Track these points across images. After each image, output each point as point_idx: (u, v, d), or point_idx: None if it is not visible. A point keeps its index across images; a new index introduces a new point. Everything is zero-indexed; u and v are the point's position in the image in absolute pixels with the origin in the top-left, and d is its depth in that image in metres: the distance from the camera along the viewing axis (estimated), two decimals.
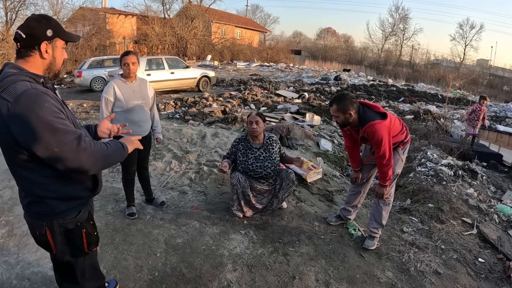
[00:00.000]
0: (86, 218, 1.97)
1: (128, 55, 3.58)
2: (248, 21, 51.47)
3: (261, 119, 3.98)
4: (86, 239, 1.96)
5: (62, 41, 1.84)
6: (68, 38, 1.88)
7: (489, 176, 6.44)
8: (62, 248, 1.92)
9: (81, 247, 1.96)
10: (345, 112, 3.32)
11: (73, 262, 1.99)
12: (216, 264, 3.24)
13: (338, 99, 3.37)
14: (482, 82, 40.15)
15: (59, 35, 1.81)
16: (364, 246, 3.69)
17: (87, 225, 1.98)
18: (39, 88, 1.64)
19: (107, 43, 28.67)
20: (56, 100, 1.69)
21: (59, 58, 1.85)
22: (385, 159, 3.36)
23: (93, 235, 2.01)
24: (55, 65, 1.85)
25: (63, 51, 1.88)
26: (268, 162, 3.97)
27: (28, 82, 1.64)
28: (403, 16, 56.27)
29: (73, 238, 1.93)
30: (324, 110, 11.61)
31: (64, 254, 1.95)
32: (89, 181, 1.94)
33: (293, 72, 30.11)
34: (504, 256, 3.84)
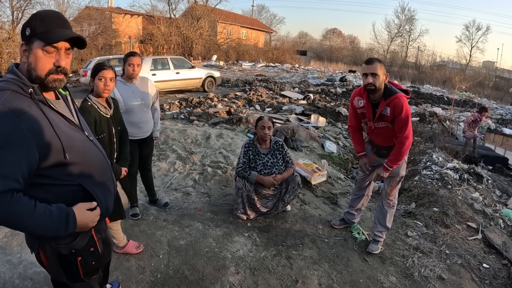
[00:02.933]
0: (85, 245, 1.70)
1: (134, 56, 3.54)
2: (254, 21, 51.48)
3: (272, 123, 3.98)
4: (82, 268, 1.71)
5: (41, 42, 1.48)
6: (47, 39, 1.49)
7: (495, 180, 6.40)
8: (56, 270, 1.72)
9: (76, 274, 1.73)
10: (384, 73, 3.14)
11: (70, 284, 1.78)
12: (218, 267, 3.23)
13: (378, 59, 3.16)
14: (488, 84, 39.91)
15: (35, 35, 1.48)
16: (368, 250, 3.66)
17: (84, 253, 1.71)
18: (11, 107, 1.38)
19: (113, 43, 28.77)
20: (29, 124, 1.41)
21: (35, 63, 1.50)
22: (408, 139, 3.22)
23: (90, 264, 1.74)
24: (33, 71, 1.51)
25: (47, 55, 1.51)
26: (275, 169, 3.96)
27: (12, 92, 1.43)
28: (409, 17, 56.15)
29: (67, 265, 1.69)
30: (329, 112, 11.58)
31: (59, 277, 1.75)
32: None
33: (298, 73, 30.08)
34: (509, 261, 3.80)
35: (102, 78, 2.75)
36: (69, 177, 1.57)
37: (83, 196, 1.63)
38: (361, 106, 3.40)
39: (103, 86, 2.76)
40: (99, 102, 2.80)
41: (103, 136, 2.76)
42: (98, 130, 2.74)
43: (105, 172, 1.77)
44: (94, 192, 1.65)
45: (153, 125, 3.92)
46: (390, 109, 3.17)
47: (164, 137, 6.21)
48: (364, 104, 3.36)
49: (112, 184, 1.82)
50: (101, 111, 2.78)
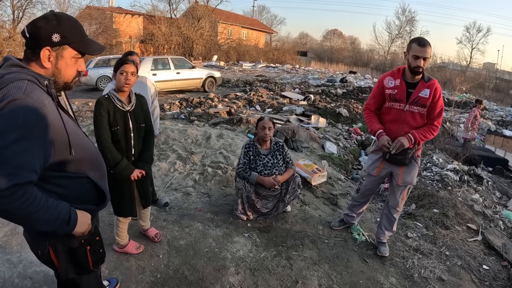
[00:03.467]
0: (92, 235, 1.79)
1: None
2: (255, 22, 51.50)
3: (273, 124, 3.98)
4: (91, 257, 1.80)
5: (73, 51, 1.55)
6: (84, 49, 1.58)
7: (495, 182, 6.40)
8: (66, 266, 1.77)
9: (86, 265, 1.80)
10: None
11: (78, 279, 1.84)
12: (218, 267, 3.23)
13: (427, 40, 3.04)
14: (488, 86, 39.91)
15: (69, 43, 1.53)
16: (381, 254, 3.61)
17: (92, 242, 1.80)
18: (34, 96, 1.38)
19: (113, 42, 28.82)
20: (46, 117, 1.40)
21: (65, 70, 1.56)
22: (438, 129, 3.22)
23: (98, 252, 1.85)
24: (61, 77, 1.57)
25: (75, 62, 1.59)
26: (276, 170, 3.96)
27: (29, 82, 1.42)
28: (410, 19, 56.09)
29: (78, 257, 1.76)
30: (329, 113, 11.57)
31: (69, 273, 1.80)
32: (94, 195, 1.74)
33: (299, 74, 30.08)
34: (508, 263, 3.80)
35: (124, 72, 2.83)
36: (78, 170, 1.62)
37: (91, 188, 1.70)
38: (391, 86, 3.23)
39: (123, 80, 2.83)
40: (117, 96, 2.85)
41: (117, 129, 2.82)
42: (112, 122, 2.80)
43: (102, 164, 1.85)
44: (99, 183, 1.72)
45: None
46: (430, 91, 3.09)
47: (165, 137, 6.21)
48: (397, 85, 3.20)
49: (106, 176, 1.90)
50: (116, 103, 2.83)
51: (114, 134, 2.83)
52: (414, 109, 3.17)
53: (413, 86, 3.15)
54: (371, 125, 3.40)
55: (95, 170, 1.73)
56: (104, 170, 1.85)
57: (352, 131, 9.49)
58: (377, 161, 3.49)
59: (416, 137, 3.15)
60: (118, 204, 3.08)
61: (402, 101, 3.18)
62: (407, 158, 3.28)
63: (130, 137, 2.90)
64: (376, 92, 3.38)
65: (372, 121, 3.39)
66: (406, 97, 3.16)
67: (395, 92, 3.20)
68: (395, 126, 3.25)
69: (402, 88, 3.17)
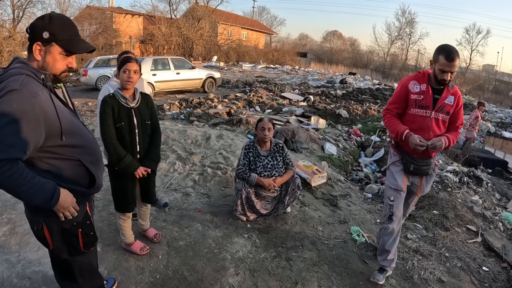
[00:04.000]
0: (83, 218, 1.96)
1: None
2: (255, 23, 51.52)
3: (272, 125, 3.97)
4: (82, 238, 1.96)
5: (59, 48, 1.74)
6: (68, 48, 1.76)
7: (494, 183, 6.40)
8: (59, 245, 1.94)
9: (77, 246, 1.97)
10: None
11: (70, 260, 2.00)
12: (218, 268, 3.22)
13: (457, 51, 2.85)
14: (488, 88, 39.95)
15: (56, 41, 1.72)
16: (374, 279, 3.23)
17: (84, 225, 1.97)
18: (29, 88, 1.61)
19: (113, 42, 28.81)
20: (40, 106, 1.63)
21: (52, 64, 1.75)
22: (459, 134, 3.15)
23: (89, 235, 2.01)
24: (48, 70, 1.76)
25: (64, 58, 1.78)
26: (275, 171, 3.95)
27: (27, 76, 1.64)
28: (410, 20, 56.21)
29: (70, 238, 1.93)
30: (329, 114, 11.58)
31: (61, 252, 1.96)
32: (85, 178, 1.91)
33: (298, 75, 30.09)
34: (508, 265, 3.80)
35: (126, 71, 2.87)
36: (71, 153, 1.82)
37: (83, 171, 1.89)
38: (417, 91, 3.02)
39: (126, 78, 2.87)
40: (121, 93, 2.90)
41: (121, 125, 2.87)
42: (117, 119, 2.86)
43: (98, 151, 2.03)
44: (90, 167, 1.90)
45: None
46: (454, 98, 2.99)
47: (164, 138, 6.20)
48: (423, 90, 3.01)
49: (102, 163, 2.08)
50: (121, 100, 2.88)
51: (118, 130, 2.88)
52: (439, 116, 3.01)
53: (438, 92, 2.99)
54: (395, 127, 3.09)
55: (88, 155, 1.91)
56: (97, 157, 2.01)
57: (352, 132, 9.49)
58: (400, 174, 3.21)
59: (450, 140, 2.99)
60: (119, 199, 3.08)
61: (429, 108, 2.99)
62: (430, 168, 3.13)
63: (135, 133, 2.93)
64: (399, 96, 3.13)
65: (396, 123, 3.10)
66: (432, 103, 2.99)
67: (421, 97, 3.00)
68: (421, 134, 2.98)
69: (429, 94, 2.98)
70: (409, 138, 2.96)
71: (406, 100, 3.09)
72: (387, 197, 3.24)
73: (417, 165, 3.10)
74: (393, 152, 3.30)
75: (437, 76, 2.92)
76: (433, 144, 2.89)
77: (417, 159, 3.10)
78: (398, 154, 3.23)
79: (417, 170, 3.12)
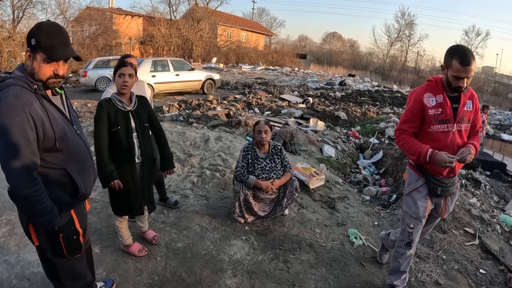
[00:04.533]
0: (66, 223, 1.98)
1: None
2: (254, 24, 51.56)
3: (269, 127, 3.98)
4: (64, 244, 1.98)
5: (44, 55, 1.78)
6: (50, 55, 1.79)
7: (493, 186, 6.41)
8: (44, 244, 1.98)
9: (61, 250, 2.00)
10: None
11: (54, 260, 2.04)
12: (216, 270, 3.23)
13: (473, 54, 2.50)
14: (487, 90, 40.01)
15: (40, 48, 1.77)
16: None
17: (66, 230, 1.98)
18: (23, 99, 1.71)
19: (113, 43, 28.82)
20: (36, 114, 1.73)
21: (38, 70, 1.80)
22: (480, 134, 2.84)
23: (71, 240, 2.01)
24: (36, 75, 1.80)
25: (50, 64, 1.81)
26: (273, 174, 3.96)
27: (21, 88, 1.73)
28: (409, 22, 56.32)
29: (53, 240, 1.97)
30: (328, 116, 11.60)
31: (46, 251, 2.01)
32: (69, 187, 1.95)
33: (298, 76, 30.11)
34: (505, 267, 3.81)
35: (121, 75, 2.90)
36: (57, 161, 1.88)
37: (67, 179, 1.93)
38: (434, 104, 2.63)
39: (122, 82, 2.89)
40: (117, 97, 2.91)
41: (118, 129, 2.87)
42: (113, 123, 2.86)
43: (87, 160, 2.07)
44: (75, 177, 1.94)
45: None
46: (472, 102, 2.68)
47: None
48: (440, 101, 2.64)
49: (92, 172, 2.13)
50: (117, 104, 2.89)
51: (115, 135, 2.88)
52: (462, 126, 2.67)
53: (456, 100, 2.63)
54: (414, 148, 2.67)
55: (74, 164, 1.96)
56: (86, 165, 2.05)
57: (351, 134, 9.51)
58: (423, 201, 2.84)
59: (477, 148, 2.67)
60: (116, 202, 3.09)
61: (450, 121, 2.63)
62: (456, 187, 2.84)
63: (132, 136, 2.93)
64: (414, 113, 2.71)
65: (414, 144, 2.69)
66: (454, 115, 2.63)
67: (440, 111, 2.62)
68: (449, 148, 2.64)
69: (448, 105, 2.61)
70: (434, 157, 2.57)
71: (422, 117, 2.69)
72: (407, 224, 2.92)
73: (445, 187, 2.77)
74: (414, 175, 2.89)
75: (451, 83, 2.56)
76: (463, 158, 2.54)
77: (443, 179, 2.75)
78: (421, 178, 2.83)
79: (444, 192, 2.79)
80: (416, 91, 2.76)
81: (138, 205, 3.10)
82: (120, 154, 2.91)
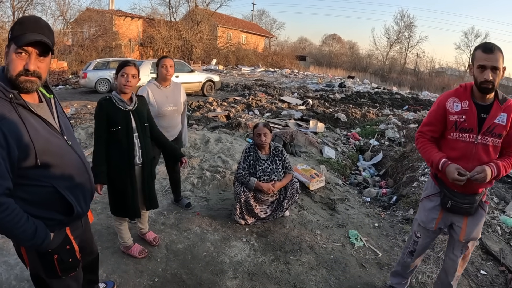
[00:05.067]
0: (60, 244, 1.81)
1: (166, 58, 3.71)
2: (254, 26, 51.59)
3: (269, 130, 3.98)
4: (58, 265, 1.82)
5: (15, 46, 1.58)
6: (17, 41, 1.57)
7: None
8: (36, 265, 1.83)
9: (54, 271, 1.83)
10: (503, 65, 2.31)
11: (48, 281, 1.87)
12: (216, 271, 3.23)
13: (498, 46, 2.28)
14: None
15: (12, 38, 1.58)
16: None
17: (61, 251, 1.82)
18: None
19: (113, 45, 28.82)
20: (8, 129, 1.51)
21: (10, 65, 1.59)
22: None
23: (67, 262, 1.86)
24: (7, 71, 1.60)
25: (19, 58, 1.59)
26: (275, 175, 3.96)
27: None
28: (408, 24, 56.29)
29: (46, 262, 1.81)
30: (328, 117, 11.60)
31: (39, 271, 1.85)
32: (61, 205, 1.76)
33: (297, 78, 30.12)
34: (506, 268, 3.81)
35: (124, 74, 2.88)
36: (43, 178, 1.66)
37: (57, 197, 1.72)
38: (457, 110, 2.44)
39: (124, 81, 2.88)
40: (118, 97, 2.90)
41: (118, 129, 2.86)
42: (113, 123, 2.84)
43: (81, 174, 1.86)
44: (66, 194, 1.74)
45: (180, 129, 4.07)
46: (508, 116, 2.36)
47: None
48: (465, 108, 2.42)
49: (89, 185, 1.92)
50: (118, 104, 2.88)
51: (115, 135, 2.87)
52: (488, 140, 2.38)
53: (485, 110, 2.38)
54: (429, 154, 2.55)
55: (65, 180, 1.75)
56: (78, 181, 1.83)
57: (351, 136, 9.51)
58: (433, 210, 2.67)
59: (500, 169, 2.36)
60: (115, 203, 3.09)
61: (473, 131, 2.40)
62: (474, 207, 2.52)
63: (133, 136, 2.93)
64: (435, 117, 2.57)
65: (430, 150, 2.56)
66: (478, 125, 2.40)
67: (463, 118, 2.42)
68: (465, 164, 2.40)
69: (473, 113, 2.39)
70: (446, 168, 2.40)
71: (443, 122, 2.53)
72: (414, 232, 2.84)
73: (456, 202, 2.52)
74: (430, 182, 2.74)
75: (477, 79, 2.33)
76: (474, 177, 2.32)
77: (457, 194, 2.51)
78: (436, 186, 2.66)
79: (456, 208, 2.54)
80: (443, 95, 2.62)
81: (135, 208, 3.07)
82: (120, 155, 2.90)
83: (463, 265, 2.76)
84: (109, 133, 2.86)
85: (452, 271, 2.74)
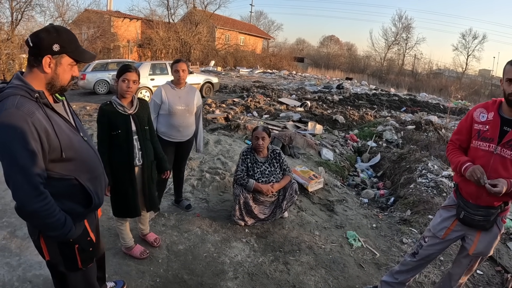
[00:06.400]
0: (81, 234, 1.92)
1: (179, 63, 3.78)
2: (252, 28, 51.62)
3: (267, 134, 4.02)
4: (80, 255, 1.93)
5: (69, 59, 1.77)
6: (78, 57, 1.81)
7: None
8: (56, 257, 1.91)
9: (74, 262, 1.93)
10: None
11: (67, 274, 1.96)
12: (217, 272, 3.27)
13: None
14: (484, 93, 40.11)
15: (66, 52, 1.75)
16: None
17: (82, 241, 1.93)
18: (25, 109, 1.60)
19: (111, 46, 28.83)
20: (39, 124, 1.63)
21: (62, 75, 1.77)
22: None
23: (88, 251, 1.97)
24: (58, 81, 1.78)
25: (71, 68, 1.80)
26: (273, 177, 4.01)
27: (21, 97, 1.63)
28: (406, 26, 56.47)
29: (67, 252, 1.90)
30: (326, 119, 11.64)
31: (58, 264, 1.93)
32: (82, 197, 1.89)
33: (295, 80, 30.15)
34: (502, 268, 3.85)
35: (126, 80, 2.90)
36: (66, 171, 1.80)
37: (79, 189, 1.86)
38: (482, 120, 2.49)
39: (125, 87, 2.90)
40: (118, 101, 2.94)
41: (118, 133, 2.90)
42: (113, 127, 2.89)
43: (98, 167, 2.01)
44: (87, 186, 1.88)
45: (193, 132, 4.11)
46: None
47: None
48: (489, 119, 2.45)
49: (103, 180, 2.07)
50: (118, 108, 2.92)
51: (115, 138, 2.92)
52: (507, 153, 2.35)
53: (510, 124, 2.38)
54: (456, 158, 2.58)
55: (85, 172, 1.89)
56: (96, 173, 1.98)
57: (349, 137, 9.55)
58: (447, 220, 2.70)
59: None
60: (117, 204, 3.13)
61: (493, 141, 2.41)
62: (489, 221, 2.48)
63: (132, 140, 2.97)
64: (463, 126, 2.63)
65: (457, 154, 2.61)
66: (498, 136, 2.40)
67: (486, 128, 2.45)
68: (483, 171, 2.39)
69: (496, 124, 2.41)
70: (468, 168, 2.41)
71: (469, 131, 2.57)
72: (423, 237, 2.86)
73: (469, 213, 2.51)
74: (452, 195, 2.77)
75: (506, 92, 2.35)
76: (487, 185, 2.30)
77: (470, 204, 2.51)
78: (455, 199, 2.68)
79: (468, 219, 2.53)
80: (474, 106, 2.66)
81: (135, 207, 3.12)
82: (120, 157, 2.95)
83: (467, 274, 2.80)
84: (110, 137, 2.91)
85: (456, 277, 2.79)
